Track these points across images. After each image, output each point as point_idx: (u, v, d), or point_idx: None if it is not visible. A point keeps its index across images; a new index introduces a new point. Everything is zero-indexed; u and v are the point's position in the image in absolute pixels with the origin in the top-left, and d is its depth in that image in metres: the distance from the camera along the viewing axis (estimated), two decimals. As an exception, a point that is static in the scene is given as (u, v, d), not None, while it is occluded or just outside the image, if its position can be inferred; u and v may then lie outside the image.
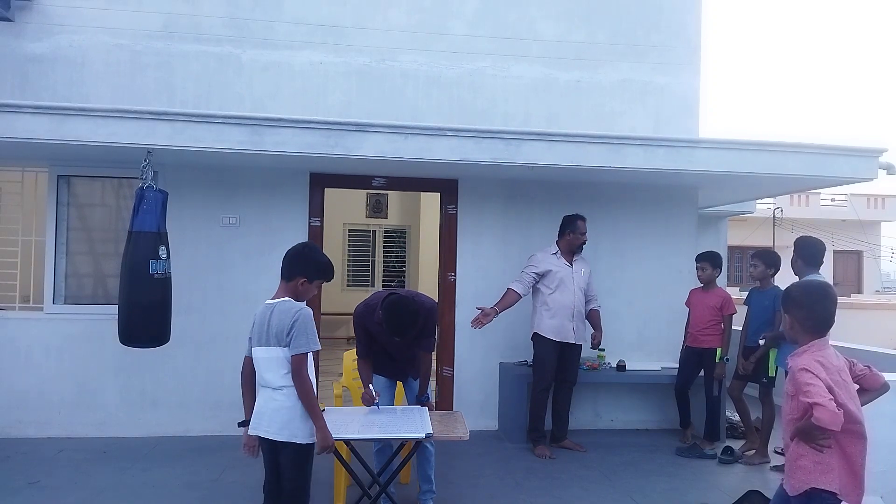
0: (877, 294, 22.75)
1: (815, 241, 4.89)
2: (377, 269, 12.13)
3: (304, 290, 3.10)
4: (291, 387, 2.97)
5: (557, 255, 5.37)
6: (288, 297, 3.05)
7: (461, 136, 5.15)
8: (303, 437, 2.99)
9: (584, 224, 5.39)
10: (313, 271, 3.11)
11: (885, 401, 4.30)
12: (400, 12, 6.29)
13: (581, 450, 5.35)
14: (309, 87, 6.13)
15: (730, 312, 5.49)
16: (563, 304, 5.27)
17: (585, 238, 5.39)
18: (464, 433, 3.44)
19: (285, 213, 5.85)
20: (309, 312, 3.01)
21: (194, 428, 5.61)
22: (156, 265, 4.60)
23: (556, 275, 5.29)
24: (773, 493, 3.55)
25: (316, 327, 3.07)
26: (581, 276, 5.38)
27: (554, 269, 5.30)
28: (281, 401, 2.98)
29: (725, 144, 5.55)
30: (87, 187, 5.76)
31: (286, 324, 2.94)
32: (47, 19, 5.82)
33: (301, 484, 3.03)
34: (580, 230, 5.35)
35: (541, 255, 5.39)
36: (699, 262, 5.66)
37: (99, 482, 4.46)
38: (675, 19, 6.66)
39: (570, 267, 5.36)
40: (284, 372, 2.97)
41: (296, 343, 2.94)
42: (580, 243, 5.38)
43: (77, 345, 5.55)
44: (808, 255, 4.82)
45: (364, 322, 3.95)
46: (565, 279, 5.30)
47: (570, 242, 5.37)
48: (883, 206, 23.99)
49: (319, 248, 3.42)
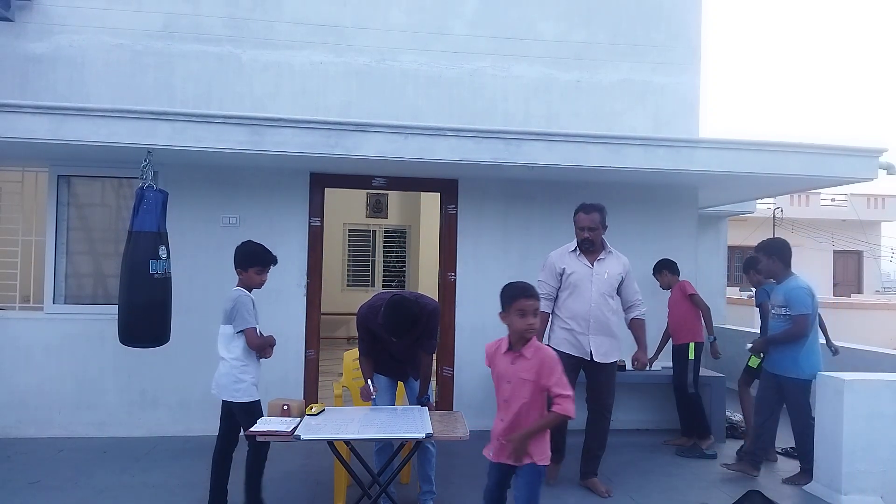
0: (877, 294, 22.76)
1: (785, 241, 4.93)
2: (377, 269, 12.13)
3: (246, 279, 3.83)
4: (235, 357, 3.74)
5: (577, 254, 4.50)
6: (238, 287, 3.82)
7: (461, 136, 5.15)
8: (243, 396, 3.74)
9: (587, 217, 4.44)
10: (241, 260, 3.83)
11: (886, 401, 4.33)
12: (400, 12, 6.29)
13: (606, 496, 4.36)
14: (309, 87, 6.14)
15: (691, 293, 5.56)
16: (575, 313, 4.42)
17: (586, 235, 4.43)
18: (464, 433, 3.43)
19: (285, 213, 5.85)
20: (244, 298, 3.75)
21: (194, 428, 5.60)
22: (156, 265, 4.60)
23: (570, 276, 4.46)
24: (774, 493, 3.56)
25: (253, 311, 3.78)
26: (604, 280, 4.43)
27: (568, 270, 4.47)
28: (226, 369, 3.77)
29: (725, 144, 5.55)
30: (87, 187, 5.76)
31: (228, 308, 3.76)
32: (47, 19, 5.82)
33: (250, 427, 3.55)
34: (578, 224, 4.49)
35: (556, 253, 4.60)
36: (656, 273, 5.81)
37: (99, 482, 4.46)
38: (675, 19, 6.67)
39: (589, 267, 4.45)
40: (228, 344, 3.77)
41: (237, 322, 3.73)
42: (582, 240, 4.47)
43: (77, 345, 5.55)
44: (786, 257, 4.79)
45: (367, 324, 3.96)
46: (581, 282, 4.43)
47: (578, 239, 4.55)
48: (883, 206, 23.98)
49: (250, 242, 3.94)
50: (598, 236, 4.46)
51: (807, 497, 4.45)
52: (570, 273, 4.45)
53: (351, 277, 12.01)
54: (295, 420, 3.50)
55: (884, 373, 4.94)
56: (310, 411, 3.63)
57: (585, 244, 4.45)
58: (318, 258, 5.97)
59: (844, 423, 4.24)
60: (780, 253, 4.77)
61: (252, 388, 3.78)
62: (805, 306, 4.59)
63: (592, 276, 4.43)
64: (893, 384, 4.37)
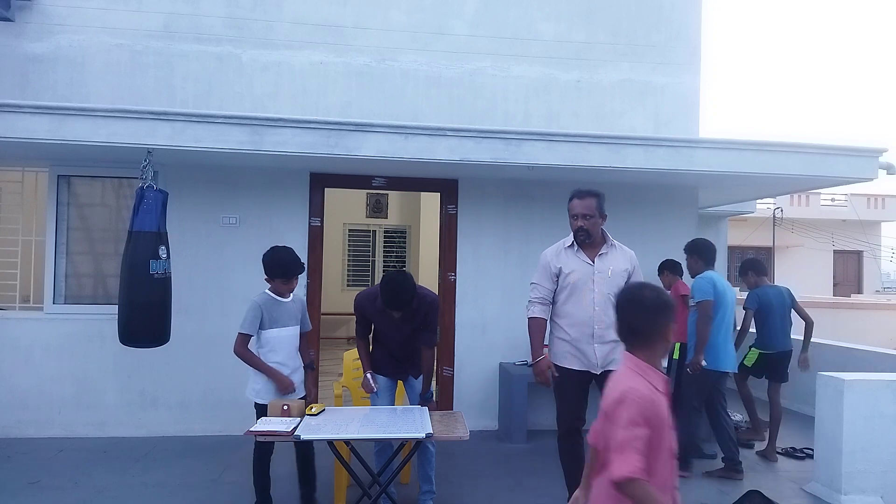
0: (877, 294, 22.76)
1: (708, 242, 5.10)
2: (377, 269, 12.12)
3: (274, 285, 3.91)
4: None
5: (574, 249, 3.81)
6: (267, 290, 3.93)
7: (461, 136, 5.15)
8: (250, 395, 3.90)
9: (580, 203, 3.77)
10: (265, 268, 3.91)
11: (886, 401, 4.32)
12: (400, 12, 6.29)
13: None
14: (309, 87, 6.13)
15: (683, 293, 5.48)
16: (576, 319, 3.71)
17: (580, 223, 3.75)
18: (464, 433, 3.43)
19: (285, 213, 5.85)
20: (254, 302, 3.86)
21: (194, 428, 5.61)
22: (156, 265, 4.60)
23: (567, 276, 3.76)
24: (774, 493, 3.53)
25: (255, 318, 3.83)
26: (607, 278, 3.72)
27: (566, 269, 3.77)
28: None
29: (725, 144, 5.55)
30: (87, 187, 5.76)
31: None
32: (47, 19, 5.82)
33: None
34: (571, 212, 3.81)
35: (551, 250, 3.89)
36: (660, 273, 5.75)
37: (99, 482, 4.46)
38: (675, 19, 6.67)
39: (590, 264, 3.75)
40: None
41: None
42: (576, 230, 3.78)
43: (77, 345, 5.55)
44: (706, 256, 5.01)
45: (363, 311, 4.03)
46: (580, 282, 3.73)
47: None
48: (883, 206, 23.98)
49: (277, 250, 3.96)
50: (594, 225, 3.76)
51: (807, 497, 4.45)
52: (568, 272, 3.75)
53: (351, 277, 12.01)
54: (295, 420, 3.50)
55: (884, 373, 4.94)
56: (310, 411, 3.63)
57: (580, 234, 3.76)
58: (318, 258, 5.97)
59: (844, 423, 4.25)
60: (699, 252, 5.04)
61: (260, 392, 3.85)
62: (704, 293, 4.77)
63: (594, 275, 3.72)
64: (893, 384, 4.37)
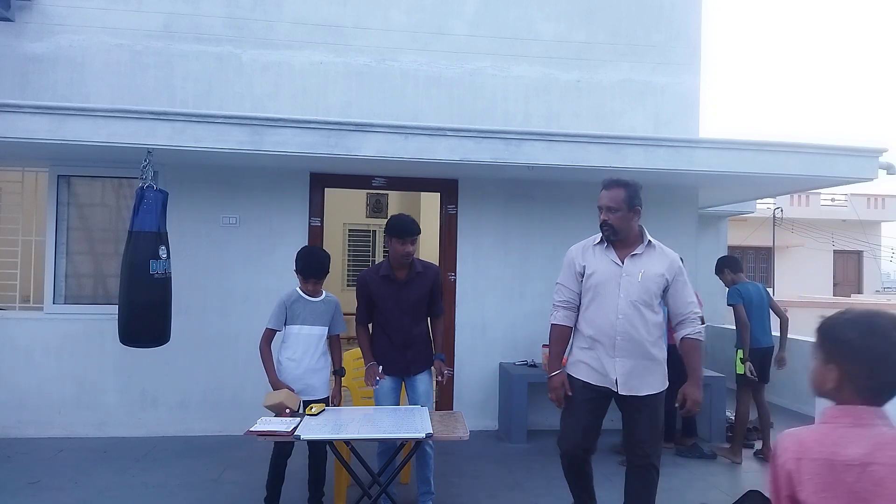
0: (877, 294, 22.77)
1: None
2: (377, 269, 12.11)
3: (301, 284, 3.94)
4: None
5: (604, 246, 3.36)
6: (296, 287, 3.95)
7: (461, 136, 5.15)
8: None
9: (607, 193, 3.34)
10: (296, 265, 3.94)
11: (886, 401, 4.32)
12: (400, 12, 6.29)
13: None
14: (309, 87, 6.14)
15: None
16: (597, 327, 3.27)
17: (604, 217, 3.33)
18: (464, 433, 3.43)
19: (285, 213, 5.85)
20: (281, 298, 3.90)
21: (194, 428, 5.61)
22: (156, 265, 4.60)
23: (591, 276, 3.32)
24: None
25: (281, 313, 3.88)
26: (636, 282, 3.24)
27: (590, 268, 3.34)
28: None
29: (725, 144, 5.56)
30: (87, 187, 5.76)
31: None
32: (47, 19, 5.82)
33: None
34: (598, 203, 3.38)
35: (577, 247, 3.47)
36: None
37: (99, 482, 4.46)
38: (675, 19, 6.67)
39: (618, 265, 3.29)
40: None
41: None
42: (601, 223, 3.35)
43: (77, 345, 5.55)
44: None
45: (367, 285, 3.98)
46: (604, 285, 3.28)
47: None
48: (883, 206, 23.98)
49: (308, 249, 4.05)
50: (621, 220, 3.29)
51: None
52: (592, 272, 3.31)
53: (351, 277, 11.99)
54: (295, 420, 3.50)
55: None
56: (310, 411, 3.63)
57: (605, 229, 3.32)
58: (318, 258, 5.96)
59: (844, 423, 4.24)
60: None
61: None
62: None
63: (621, 278, 3.25)
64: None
